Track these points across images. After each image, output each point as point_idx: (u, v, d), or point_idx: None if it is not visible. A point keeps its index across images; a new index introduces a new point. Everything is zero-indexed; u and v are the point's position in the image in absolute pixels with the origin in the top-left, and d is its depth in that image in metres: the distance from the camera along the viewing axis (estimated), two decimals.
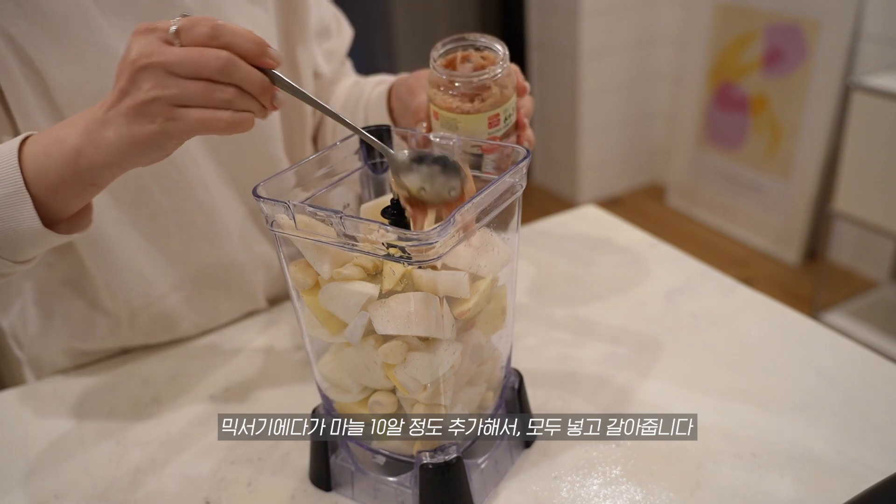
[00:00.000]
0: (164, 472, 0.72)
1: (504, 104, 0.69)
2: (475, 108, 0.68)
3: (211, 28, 0.53)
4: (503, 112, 0.69)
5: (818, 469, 0.67)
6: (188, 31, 0.53)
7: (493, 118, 0.68)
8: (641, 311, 0.93)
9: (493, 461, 0.68)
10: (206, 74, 0.53)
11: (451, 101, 0.68)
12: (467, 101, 0.68)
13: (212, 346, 0.91)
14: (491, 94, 0.68)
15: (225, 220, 0.88)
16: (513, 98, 0.70)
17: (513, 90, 0.70)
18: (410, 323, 0.55)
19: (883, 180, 1.94)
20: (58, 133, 0.59)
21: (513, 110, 0.70)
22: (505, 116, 0.69)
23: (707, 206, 2.93)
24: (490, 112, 0.68)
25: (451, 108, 0.68)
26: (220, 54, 0.53)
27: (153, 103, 0.54)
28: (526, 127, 0.72)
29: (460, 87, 0.68)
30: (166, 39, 0.53)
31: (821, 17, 2.35)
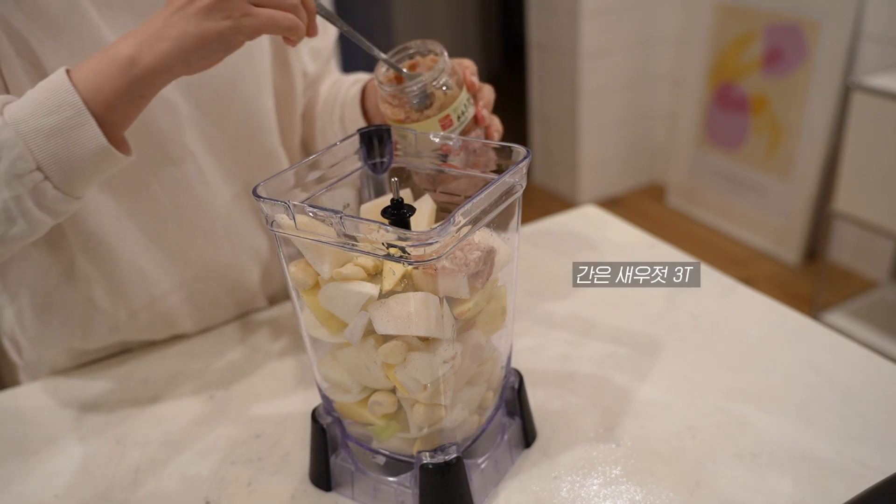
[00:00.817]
0: (164, 472, 0.72)
1: (452, 104, 0.69)
2: (423, 115, 0.69)
3: None
4: (453, 112, 0.69)
5: (818, 469, 0.67)
6: None
7: (444, 120, 0.69)
8: (641, 311, 0.93)
9: (493, 461, 0.68)
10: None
11: (398, 112, 0.69)
12: (417, 109, 0.69)
13: (212, 346, 0.91)
14: (434, 98, 0.68)
15: (222, 216, 0.88)
16: (461, 96, 0.70)
17: (459, 88, 0.70)
18: (410, 323, 0.55)
19: (883, 180, 1.94)
20: (106, 51, 0.63)
21: (465, 107, 0.70)
22: (457, 115, 0.69)
23: (707, 206, 2.93)
24: (439, 115, 0.69)
25: (401, 120, 0.69)
26: None
27: None
28: (484, 119, 0.73)
29: (401, 99, 0.69)
30: None
31: (821, 17, 2.35)
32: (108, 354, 0.91)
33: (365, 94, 0.88)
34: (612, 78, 2.98)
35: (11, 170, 0.62)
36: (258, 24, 0.62)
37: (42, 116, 0.62)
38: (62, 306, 0.85)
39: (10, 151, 0.61)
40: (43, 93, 0.63)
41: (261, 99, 0.87)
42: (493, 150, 0.64)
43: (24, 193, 0.63)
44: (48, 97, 0.62)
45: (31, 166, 0.62)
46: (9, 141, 0.61)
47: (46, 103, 0.62)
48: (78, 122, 0.62)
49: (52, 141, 0.62)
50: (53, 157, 0.63)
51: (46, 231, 0.69)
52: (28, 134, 0.62)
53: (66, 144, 0.62)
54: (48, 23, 0.71)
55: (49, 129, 0.62)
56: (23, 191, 0.63)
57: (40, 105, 0.62)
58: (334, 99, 0.92)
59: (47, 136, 0.62)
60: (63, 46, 0.72)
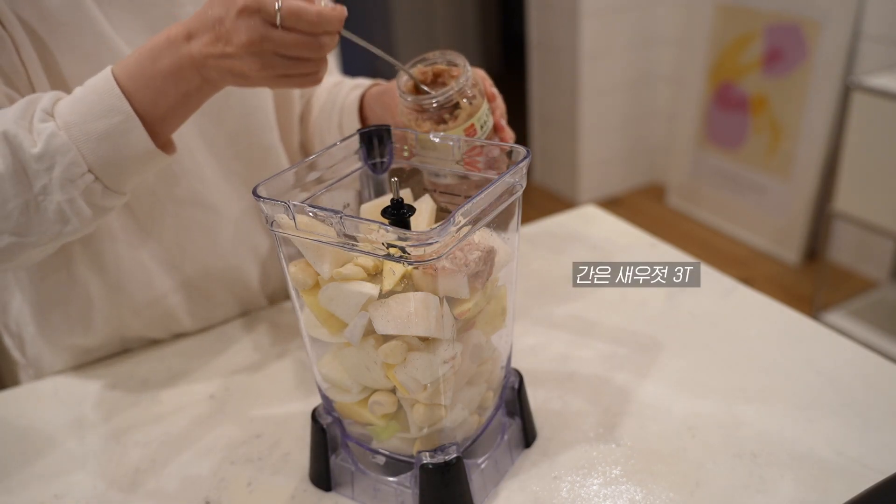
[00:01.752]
0: (164, 472, 0.72)
1: (476, 113, 0.69)
2: (449, 126, 0.69)
3: (312, 23, 0.62)
4: (477, 121, 0.69)
5: (818, 469, 0.67)
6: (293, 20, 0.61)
7: (468, 130, 0.69)
8: (641, 310, 0.93)
9: (493, 461, 0.68)
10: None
11: (424, 124, 0.69)
12: (440, 121, 0.69)
13: (212, 346, 0.91)
14: (461, 108, 0.68)
15: (220, 212, 0.88)
16: (484, 105, 0.70)
17: (482, 98, 0.70)
18: (410, 323, 0.55)
19: (883, 180, 1.94)
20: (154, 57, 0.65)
21: (487, 117, 0.71)
22: (480, 125, 0.70)
23: (707, 206, 2.93)
24: (464, 124, 0.69)
25: (427, 131, 0.69)
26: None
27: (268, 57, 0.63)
28: (504, 129, 0.74)
29: (429, 110, 0.69)
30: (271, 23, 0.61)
31: (821, 17, 2.35)
32: (108, 353, 0.91)
33: (364, 103, 0.88)
34: (612, 78, 2.98)
35: (66, 174, 0.65)
36: (285, 83, 0.66)
37: (92, 121, 0.64)
38: (62, 303, 0.85)
39: (64, 157, 0.64)
40: (92, 95, 0.65)
41: (258, 94, 0.87)
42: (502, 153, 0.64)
43: (77, 195, 0.66)
44: (98, 100, 0.64)
45: (83, 170, 0.65)
46: (63, 147, 0.64)
47: (96, 108, 0.64)
48: (127, 127, 0.65)
49: (103, 145, 0.65)
50: (104, 160, 0.65)
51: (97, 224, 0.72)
52: (79, 138, 0.64)
53: (116, 147, 0.65)
54: (49, 17, 0.71)
55: (99, 133, 0.64)
56: (76, 193, 0.65)
57: (91, 108, 0.64)
58: (332, 104, 0.92)
59: (98, 140, 0.64)
60: (64, 40, 0.72)
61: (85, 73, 0.73)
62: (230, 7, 0.60)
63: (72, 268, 0.83)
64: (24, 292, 0.86)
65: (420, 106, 0.69)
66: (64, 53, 0.73)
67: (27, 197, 0.65)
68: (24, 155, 0.64)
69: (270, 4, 0.59)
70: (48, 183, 0.65)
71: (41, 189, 0.65)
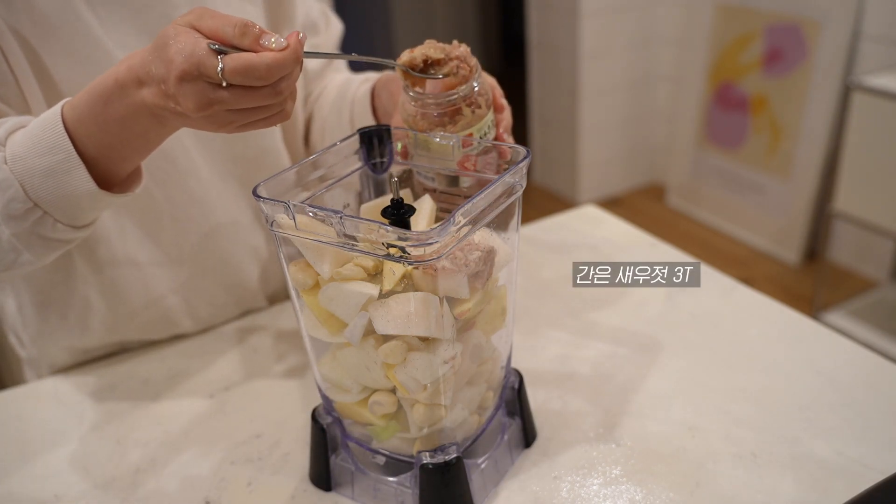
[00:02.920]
0: (164, 472, 0.72)
1: (477, 124, 0.65)
2: (448, 130, 0.65)
3: (262, 77, 0.54)
4: (478, 132, 0.66)
5: (818, 469, 0.67)
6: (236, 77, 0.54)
7: (466, 138, 0.65)
8: (641, 310, 0.93)
9: (493, 461, 0.68)
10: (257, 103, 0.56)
11: (421, 123, 0.66)
12: (438, 123, 0.65)
13: (212, 346, 0.91)
14: (462, 116, 0.65)
15: (217, 212, 0.88)
16: (487, 116, 0.66)
17: (487, 108, 0.66)
18: (410, 323, 0.55)
19: (883, 180, 1.94)
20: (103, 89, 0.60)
21: (489, 128, 0.67)
22: (480, 135, 0.66)
23: (707, 206, 2.93)
24: (462, 132, 0.65)
25: (423, 130, 0.66)
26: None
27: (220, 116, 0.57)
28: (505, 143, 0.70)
29: (430, 109, 0.65)
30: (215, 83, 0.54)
31: (821, 17, 2.35)
32: (107, 353, 0.91)
33: (374, 92, 0.86)
34: (612, 78, 2.98)
35: (7, 210, 0.63)
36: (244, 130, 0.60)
37: (37, 157, 0.62)
38: (60, 305, 0.85)
39: (5, 193, 0.62)
40: (39, 129, 0.62)
41: None
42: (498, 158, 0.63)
43: (25, 229, 0.64)
44: (43, 136, 0.62)
45: (26, 205, 0.63)
46: (4, 182, 0.62)
47: (41, 144, 0.62)
48: (68, 166, 0.62)
49: (47, 181, 0.62)
50: (50, 195, 0.63)
51: (58, 255, 0.70)
52: (23, 173, 0.62)
53: (59, 185, 0.62)
54: (41, 21, 0.71)
55: (42, 170, 0.62)
56: (21, 228, 0.63)
57: (36, 144, 0.62)
58: (343, 99, 0.90)
59: (42, 176, 0.62)
60: (58, 43, 0.72)
61: (79, 78, 0.73)
62: (170, 69, 0.54)
63: (69, 270, 0.83)
64: (22, 294, 0.86)
65: (422, 103, 0.65)
66: (56, 58, 0.72)
67: None
68: None
69: (212, 68, 0.52)
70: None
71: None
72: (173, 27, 0.55)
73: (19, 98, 0.72)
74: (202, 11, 0.56)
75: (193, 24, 0.55)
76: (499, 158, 0.66)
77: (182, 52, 0.53)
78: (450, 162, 0.65)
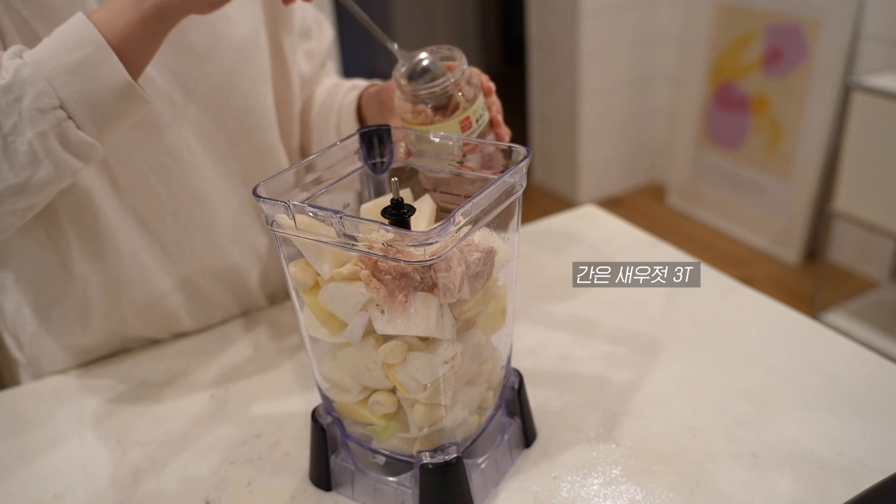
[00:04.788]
0: (164, 472, 0.72)
1: (472, 106, 0.70)
2: (445, 118, 0.69)
3: None
4: (473, 114, 0.70)
5: (818, 469, 0.67)
6: None
7: (464, 122, 0.69)
8: (641, 311, 0.93)
9: (493, 461, 0.68)
10: None
11: (419, 116, 0.70)
12: (437, 112, 0.69)
13: (212, 346, 0.91)
14: (456, 100, 0.69)
15: (219, 211, 0.88)
16: (480, 99, 0.71)
17: (477, 91, 0.71)
18: (410, 323, 0.55)
19: (883, 180, 1.94)
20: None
21: (483, 111, 0.71)
22: (476, 118, 0.70)
23: (707, 206, 2.93)
24: (460, 116, 0.69)
25: (423, 121, 0.70)
26: None
27: None
28: (500, 124, 0.74)
29: (425, 101, 0.69)
30: None
31: (821, 17, 2.35)
32: (107, 353, 0.91)
33: (361, 103, 0.88)
34: (612, 78, 2.98)
35: (35, 104, 0.62)
36: None
37: (64, 53, 0.62)
38: (61, 303, 0.85)
39: (34, 87, 0.62)
40: (62, 33, 0.63)
41: (259, 95, 0.87)
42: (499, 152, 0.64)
43: (49, 130, 0.63)
44: (68, 36, 0.62)
45: (54, 102, 0.62)
46: (31, 77, 0.62)
47: (67, 41, 0.62)
48: (100, 56, 0.62)
49: (75, 77, 0.62)
50: (77, 94, 0.63)
51: (72, 179, 0.69)
52: (50, 72, 0.62)
53: (89, 79, 0.63)
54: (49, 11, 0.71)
55: (71, 65, 0.62)
56: (47, 127, 0.63)
57: (61, 43, 0.62)
58: (330, 105, 0.92)
59: (69, 72, 0.62)
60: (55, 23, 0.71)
61: None
62: None
63: (70, 267, 0.83)
64: (22, 292, 0.86)
65: (415, 96, 0.69)
66: None
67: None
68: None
69: None
70: (18, 121, 0.62)
71: (11, 128, 0.62)
72: None
73: None
74: None
75: None
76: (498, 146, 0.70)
77: None
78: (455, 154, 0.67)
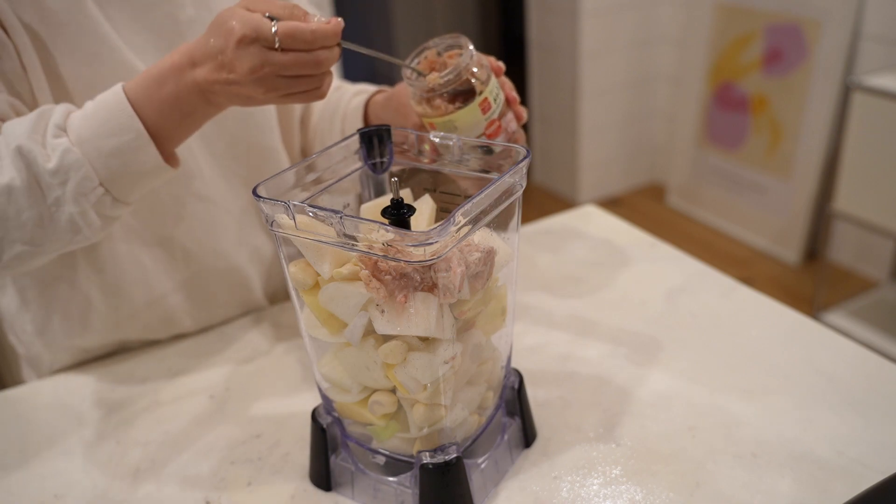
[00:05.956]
0: (164, 472, 0.72)
1: (487, 87, 0.70)
2: (464, 103, 0.70)
3: (308, 41, 0.63)
4: (490, 94, 0.70)
5: (818, 469, 0.67)
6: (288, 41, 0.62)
7: (483, 103, 0.70)
8: (641, 310, 0.93)
9: (493, 461, 0.68)
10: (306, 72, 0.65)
11: (440, 107, 0.70)
12: (455, 101, 0.70)
13: (212, 346, 0.91)
14: (471, 84, 0.70)
15: (221, 211, 0.88)
16: (493, 79, 0.71)
17: (488, 72, 0.71)
18: (410, 323, 0.55)
19: (883, 180, 1.94)
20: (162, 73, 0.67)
21: (498, 90, 0.72)
22: (493, 97, 0.71)
23: (707, 206, 2.93)
24: (479, 99, 0.70)
25: (444, 112, 0.70)
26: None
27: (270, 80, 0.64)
28: (516, 100, 0.75)
29: (441, 91, 0.69)
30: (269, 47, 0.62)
31: (821, 17, 2.35)
32: (108, 352, 0.91)
33: (368, 110, 0.88)
34: (612, 78, 2.98)
35: (79, 189, 0.67)
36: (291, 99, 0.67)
37: (105, 137, 0.67)
38: (62, 303, 0.85)
39: (78, 172, 0.67)
40: (103, 111, 0.67)
41: None
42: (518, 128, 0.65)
43: (89, 207, 0.69)
44: (109, 117, 0.66)
45: (95, 184, 0.68)
46: (76, 162, 0.66)
47: (107, 125, 0.66)
48: (138, 144, 0.67)
49: (113, 161, 0.67)
50: (114, 175, 0.68)
51: (106, 232, 0.75)
52: (91, 153, 0.67)
53: (126, 163, 0.68)
54: (51, 18, 0.72)
55: (110, 150, 0.67)
56: (87, 205, 0.68)
57: (103, 125, 0.67)
58: (334, 109, 0.91)
59: (108, 156, 0.67)
60: (65, 39, 0.73)
61: (86, 75, 0.74)
62: (229, 37, 0.62)
63: (71, 268, 0.83)
64: (24, 292, 0.86)
65: (430, 90, 0.69)
66: (65, 55, 0.73)
67: (41, 209, 0.68)
68: (38, 169, 0.66)
69: (267, 30, 0.61)
70: (61, 195, 0.67)
71: (54, 201, 0.67)
72: (228, 10, 0.63)
73: (29, 93, 0.73)
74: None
75: (247, 6, 0.63)
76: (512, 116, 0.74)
77: (241, 21, 0.61)
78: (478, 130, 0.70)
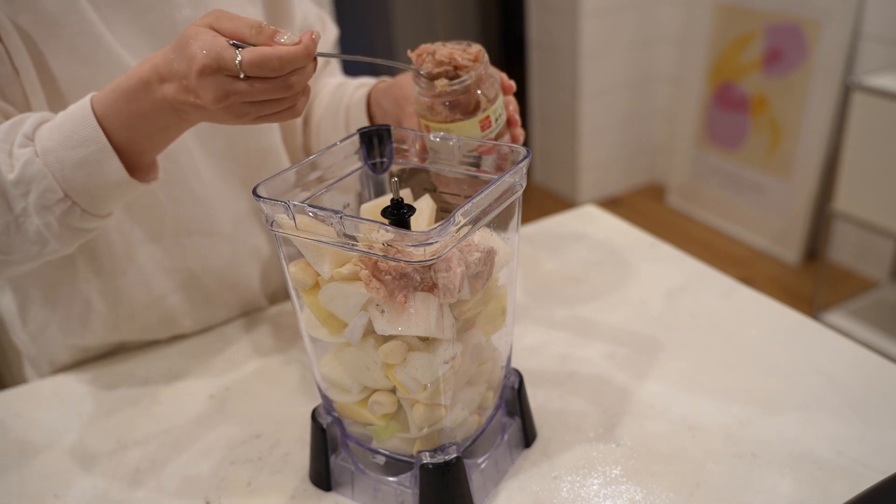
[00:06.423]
0: (164, 472, 0.72)
1: (493, 106, 0.68)
2: (465, 115, 0.67)
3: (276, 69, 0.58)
4: (493, 114, 0.69)
5: (818, 469, 0.67)
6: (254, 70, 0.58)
7: (483, 121, 0.68)
8: (641, 311, 0.93)
9: (493, 461, 0.68)
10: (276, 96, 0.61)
11: (439, 114, 0.68)
12: (456, 110, 0.67)
13: (212, 346, 0.91)
14: (477, 99, 0.67)
15: (219, 212, 0.88)
16: (500, 98, 0.70)
17: (498, 91, 0.69)
18: (410, 323, 0.55)
19: (883, 180, 1.94)
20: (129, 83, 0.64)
21: (502, 110, 0.70)
22: (495, 118, 0.69)
23: (707, 206, 2.93)
24: (481, 115, 0.68)
25: (443, 120, 0.68)
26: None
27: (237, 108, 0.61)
28: (517, 122, 0.73)
29: (446, 98, 0.67)
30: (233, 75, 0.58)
31: (821, 17, 2.35)
32: (107, 352, 0.91)
33: (371, 100, 0.87)
34: (612, 78, 2.98)
35: (41, 201, 0.66)
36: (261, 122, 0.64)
37: (69, 149, 0.65)
38: (61, 303, 0.85)
39: (39, 184, 0.65)
40: (69, 123, 0.66)
41: None
42: None
43: (53, 221, 0.67)
44: (74, 129, 0.65)
45: (58, 196, 0.66)
46: (38, 174, 0.65)
47: (73, 136, 0.65)
48: (101, 157, 0.65)
49: (78, 172, 0.66)
50: (79, 187, 0.67)
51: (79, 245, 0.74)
52: (55, 165, 0.66)
53: (91, 175, 0.66)
54: (45, 19, 0.71)
55: (74, 161, 0.65)
56: (52, 217, 0.67)
57: (68, 137, 0.65)
58: (338, 104, 0.91)
59: (73, 168, 0.66)
60: (61, 41, 0.73)
61: (81, 77, 0.74)
62: (191, 65, 0.58)
63: (70, 268, 0.83)
64: (24, 292, 0.86)
65: (436, 94, 0.66)
66: (60, 57, 0.73)
67: (8, 218, 0.67)
68: (2, 178, 0.65)
69: (230, 60, 0.57)
70: (26, 206, 0.66)
71: (21, 211, 0.67)
72: (193, 28, 0.59)
73: (22, 97, 0.73)
74: (219, 13, 0.60)
75: (212, 25, 0.59)
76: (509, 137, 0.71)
77: (203, 48, 0.57)
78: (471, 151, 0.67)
